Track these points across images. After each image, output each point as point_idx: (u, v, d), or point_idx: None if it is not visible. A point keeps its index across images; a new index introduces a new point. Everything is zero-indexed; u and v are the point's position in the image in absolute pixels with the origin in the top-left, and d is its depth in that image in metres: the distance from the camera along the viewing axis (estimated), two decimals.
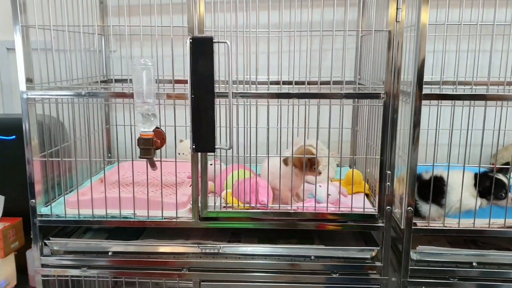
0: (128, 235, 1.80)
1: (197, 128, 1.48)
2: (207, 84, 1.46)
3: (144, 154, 1.50)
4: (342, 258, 1.64)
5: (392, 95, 1.49)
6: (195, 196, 1.59)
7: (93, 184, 1.81)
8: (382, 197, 1.57)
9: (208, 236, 1.80)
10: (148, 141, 1.49)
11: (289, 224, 1.61)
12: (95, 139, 2.07)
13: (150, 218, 1.62)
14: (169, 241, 1.71)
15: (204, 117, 1.48)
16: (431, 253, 1.62)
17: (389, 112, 1.51)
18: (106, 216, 1.63)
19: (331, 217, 1.60)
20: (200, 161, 1.57)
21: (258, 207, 1.61)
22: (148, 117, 1.46)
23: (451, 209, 1.59)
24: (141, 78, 1.44)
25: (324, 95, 1.52)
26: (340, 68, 1.57)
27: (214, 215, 1.61)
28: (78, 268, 1.65)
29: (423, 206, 1.61)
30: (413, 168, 1.53)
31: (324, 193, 1.63)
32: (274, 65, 1.92)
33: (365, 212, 1.60)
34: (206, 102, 1.47)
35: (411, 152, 1.51)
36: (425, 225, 1.58)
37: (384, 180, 1.56)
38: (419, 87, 1.46)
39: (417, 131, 1.49)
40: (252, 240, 1.78)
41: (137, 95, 1.45)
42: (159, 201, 1.62)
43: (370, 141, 1.79)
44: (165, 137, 1.55)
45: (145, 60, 1.44)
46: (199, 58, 1.45)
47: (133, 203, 1.62)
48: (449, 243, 1.78)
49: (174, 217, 1.62)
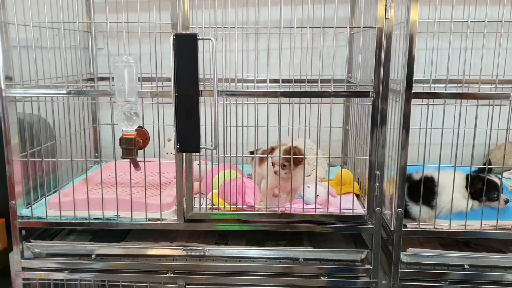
0: (113, 237, 1.76)
1: (181, 128, 1.44)
2: (192, 82, 1.42)
3: (126, 154, 1.46)
4: (331, 260, 1.60)
5: (381, 94, 1.46)
6: (180, 197, 1.55)
7: (77, 185, 1.77)
8: (372, 198, 1.53)
9: (194, 238, 1.76)
10: (130, 141, 1.44)
11: (277, 226, 1.57)
12: (82, 138, 2.03)
13: (134, 220, 1.58)
14: (154, 243, 1.66)
15: (189, 116, 1.43)
16: (422, 256, 1.58)
17: (378, 111, 1.47)
18: (89, 218, 1.58)
19: (320, 218, 1.56)
20: (184, 161, 1.53)
21: (244, 208, 1.57)
22: (130, 116, 1.42)
23: (442, 211, 1.55)
24: (123, 76, 1.39)
25: (312, 93, 1.49)
26: (330, 66, 1.54)
27: (200, 216, 1.57)
28: (61, 271, 1.61)
29: (413, 207, 1.57)
30: (403, 168, 1.49)
31: (312, 194, 1.59)
32: (263, 63, 1.89)
33: (354, 214, 1.56)
34: (190, 101, 1.43)
35: (400, 152, 1.48)
36: (415, 227, 1.55)
37: (373, 180, 1.52)
38: (409, 85, 1.43)
39: (407, 130, 1.45)
40: (239, 242, 1.74)
41: (119, 93, 1.41)
42: (143, 202, 1.58)
43: (361, 141, 1.75)
44: (149, 136, 1.51)
45: (127, 58, 1.40)
46: (183, 56, 1.40)
47: (117, 204, 1.58)
48: (441, 245, 1.74)
49: (159, 219, 1.58)
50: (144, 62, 1.71)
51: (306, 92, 1.48)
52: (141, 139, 1.48)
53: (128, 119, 1.42)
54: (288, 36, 1.90)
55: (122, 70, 1.39)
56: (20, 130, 1.61)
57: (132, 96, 1.41)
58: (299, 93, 1.49)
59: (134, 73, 1.41)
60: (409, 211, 1.57)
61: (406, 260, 1.58)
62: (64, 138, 1.82)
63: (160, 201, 1.57)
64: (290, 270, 1.59)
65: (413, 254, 1.57)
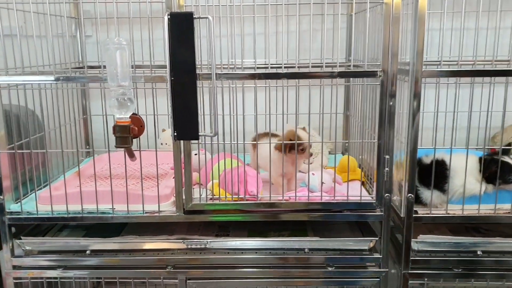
0: (108, 231, 1.67)
1: (178, 114, 1.36)
2: (188, 64, 1.33)
3: (120, 143, 1.37)
4: (338, 250, 1.53)
5: (390, 73, 1.38)
6: (178, 188, 1.47)
7: (69, 178, 1.68)
8: (380, 184, 1.46)
9: (194, 231, 1.68)
10: (125, 128, 1.35)
11: (280, 216, 1.49)
12: (72, 130, 1.93)
13: (130, 213, 1.49)
14: (152, 237, 1.58)
15: (186, 101, 1.35)
16: (433, 243, 1.51)
17: (387, 92, 1.39)
18: (82, 212, 1.49)
19: (325, 207, 1.48)
20: (183, 150, 1.44)
21: (247, 198, 1.49)
22: (124, 102, 1.33)
23: (454, 195, 1.48)
24: (115, 58, 1.30)
25: (315, 74, 1.40)
26: (331, 49, 1.46)
27: (200, 207, 1.48)
28: (54, 269, 1.52)
29: (424, 192, 1.50)
30: (413, 151, 1.42)
31: (317, 181, 1.52)
32: (261, 47, 1.81)
33: (362, 201, 1.49)
34: (187, 85, 1.34)
35: (411, 134, 1.40)
36: (426, 212, 1.48)
37: (382, 165, 1.44)
38: (420, 60, 1.35)
39: (417, 110, 1.38)
40: (241, 233, 1.66)
41: (111, 77, 1.32)
42: (139, 194, 1.49)
43: (365, 125, 1.67)
44: (144, 124, 1.42)
45: (118, 39, 1.31)
46: (179, 36, 1.31)
47: (111, 197, 1.49)
48: (450, 231, 1.68)
49: (157, 211, 1.49)
50: (136, 50, 1.63)
51: (311, 73, 1.40)
52: (136, 126, 1.40)
53: (121, 105, 1.33)
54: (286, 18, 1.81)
55: (114, 53, 1.30)
56: (7, 121, 1.51)
57: (126, 80, 1.32)
58: (303, 74, 1.41)
59: (126, 56, 1.32)
60: (420, 196, 1.50)
61: (416, 248, 1.51)
62: (54, 130, 1.72)
63: (158, 192, 1.48)
64: (295, 261, 1.52)
65: (424, 241, 1.51)
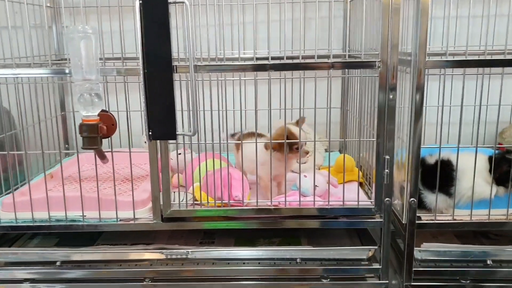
0: (83, 238, 1.54)
1: (153, 111, 1.21)
2: (163, 56, 1.18)
3: (88, 144, 1.22)
4: (334, 260, 1.39)
5: (390, 64, 1.23)
6: (155, 193, 1.32)
7: (40, 181, 1.54)
8: (380, 187, 1.31)
9: (177, 238, 1.54)
10: (93, 127, 1.21)
11: (269, 223, 1.35)
12: (49, 128, 1.78)
13: (103, 220, 1.35)
14: (128, 246, 1.44)
15: (161, 96, 1.20)
16: (438, 251, 1.37)
17: (386, 84, 1.24)
18: (50, 219, 1.35)
19: (319, 212, 1.34)
20: (160, 151, 1.30)
21: (231, 203, 1.34)
22: (91, 98, 1.18)
23: (461, 199, 1.34)
24: (79, 49, 1.15)
25: (308, 65, 1.26)
26: (326, 40, 1.31)
27: (180, 214, 1.34)
28: (20, 283, 1.38)
29: (428, 196, 1.36)
30: (416, 150, 1.27)
31: (309, 184, 1.37)
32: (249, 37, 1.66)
33: (360, 206, 1.34)
34: (162, 78, 1.20)
35: (413, 131, 1.25)
36: (431, 218, 1.33)
37: (381, 166, 1.30)
38: (423, 50, 1.20)
39: (421, 104, 1.23)
40: (228, 240, 1.52)
41: (76, 70, 1.17)
42: (113, 199, 1.35)
43: (363, 121, 1.53)
44: (115, 122, 1.28)
45: (83, 27, 1.16)
46: (152, 23, 1.17)
47: (81, 202, 1.34)
48: (457, 237, 1.53)
49: (132, 218, 1.35)
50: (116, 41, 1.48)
51: (301, 63, 1.25)
52: (106, 125, 1.25)
53: (88, 102, 1.18)
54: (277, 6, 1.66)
55: (78, 43, 1.15)
56: None
57: (92, 73, 1.17)
58: (292, 66, 1.26)
59: (93, 46, 1.17)
60: (424, 200, 1.36)
61: (420, 257, 1.36)
62: (29, 127, 1.57)
63: (133, 197, 1.34)
64: (286, 273, 1.38)
65: (428, 250, 1.36)
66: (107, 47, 1.60)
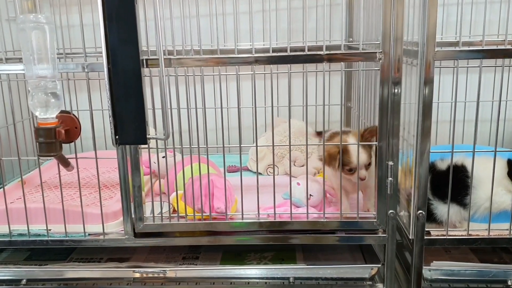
0: (55, 252, 1.40)
1: (119, 112, 1.05)
2: (130, 48, 1.03)
3: (45, 151, 1.07)
4: (332, 279, 1.22)
5: (393, 55, 1.05)
6: (126, 204, 1.16)
7: (13, 187, 1.41)
8: (382, 197, 1.14)
9: (159, 252, 1.39)
10: (49, 132, 1.05)
11: (257, 238, 1.19)
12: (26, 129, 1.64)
13: (70, 235, 1.20)
14: (100, 264, 1.29)
15: (129, 95, 1.04)
16: (451, 270, 1.19)
17: (389, 78, 1.07)
18: (10, 234, 1.20)
19: (313, 226, 1.17)
20: (130, 157, 1.14)
21: (213, 216, 1.18)
22: (46, 97, 1.03)
23: (478, 210, 1.16)
24: (30, 41, 1.00)
25: (296, 58, 1.08)
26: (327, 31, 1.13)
27: (155, 229, 1.18)
28: None
29: (438, 207, 1.18)
30: (424, 155, 1.09)
31: (303, 193, 1.21)
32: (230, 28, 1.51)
33: (360, 219, 1.17)
34: (129, 74, 1.04)
35: (421, 132, 1.08)
36: (442, 233, 1.15)
37: (384, 174, 1.12)
38: (432, 37, 1.02)
39: (430, 101, 1.05)
40: (214, 256, 1.36)
41: (28, 66, 1.02)
42: (79, 211, 1.19)
43: (366, 120, 1.35)
44: (79, 124, 1.12)
45: (36, 16, 1.00)
46: (116, 12, 1.01)
47: (45, 215, 1.19)
48: (473, 251, 1.35)
49: (101, 233, 1.20)
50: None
51: (288, 56, 1.08)
52: (68, 128, 1.10)
53: (42, 102, 1.03)
54: None
55: (29, 34, 1.00)
56: None
57: (46, 69, 1.02)
58: (279, 59, 1.09)
59: (47, 38, 1.01)
60: (434, 212, 1.18)
61: (430, 277, 1.19)
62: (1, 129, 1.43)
63: (101, 208, 1.18)
64: None
65: (439, 268, 1.19)
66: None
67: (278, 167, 1.61)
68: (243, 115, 1.15)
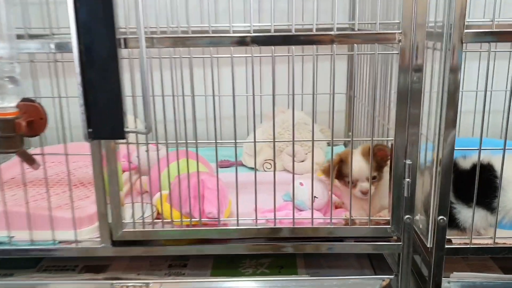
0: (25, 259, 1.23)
1: (92, 101, 0.89)
2: (104, 24, 0.86)
3: (4, 147, 0.90)
4: None
5: (414, 37, 0.90)
6: (102, 208, 1.00)
7: None
8: (397, 200, 0.99)
9: (141, 260, 1.23)
10: (8, 124, 0.89)
11: (254, 248, 1.04)
12: None
13: (36, 243, 1.04)
14: (74, 274, 1.13)
15: (103, 81, 0.88)
16: (473, 283, 1.05)
17: (410, 64, 0.91)
18: None
19: (318, 233, 1.02)
20: (104, 150, 0.98)
21: (203, 222, 1.03)
22: (2, 82, 0.86)
23: (506, 215, 1.02)
24: None
25: (300, 39, 0.92)
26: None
27: (135, 237, 1.02)
28: None
29: (462, 211, 1.03)
30: (448, 152, 0.95)
31: (307, 195, 1.05)
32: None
33: (371, 225, 1.02)
34: (103, 56, 0.87)
35: (444, 126, 0.93)
36: (465, 242, 1.01)
37: (399, 174, 0.97)
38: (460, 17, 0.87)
39: (456, 90, 0.90)
40: (204, 264, 1.20)
41: None
42: (47, 215, 1.03)
43: (375, 112, 1.20)
44: (45, 115, 0.96)
45: None
46: None
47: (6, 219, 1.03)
48: (492, 258, 1.21)
49: (73, 240, 1.04)
50: None
51: (290, 36, 0.92)
52: (32, 119, 0.93)
53: None
54: None
55: None
56: None
57: (1, 49, 0.85)
58: (280, 39, 0.93)
59: (2, 11, 0.84)
60: (456, 217, 1.04)
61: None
62: None
63: (73, 211, 1.02)
64: None
65: (460, 280, 1.05)
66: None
67: (276, 162, 1.46)
68: (236, 104, 0.99)
